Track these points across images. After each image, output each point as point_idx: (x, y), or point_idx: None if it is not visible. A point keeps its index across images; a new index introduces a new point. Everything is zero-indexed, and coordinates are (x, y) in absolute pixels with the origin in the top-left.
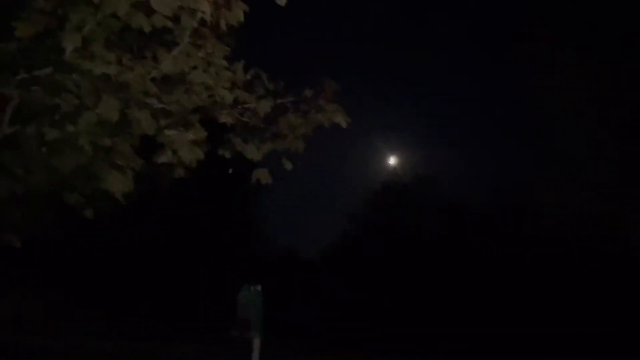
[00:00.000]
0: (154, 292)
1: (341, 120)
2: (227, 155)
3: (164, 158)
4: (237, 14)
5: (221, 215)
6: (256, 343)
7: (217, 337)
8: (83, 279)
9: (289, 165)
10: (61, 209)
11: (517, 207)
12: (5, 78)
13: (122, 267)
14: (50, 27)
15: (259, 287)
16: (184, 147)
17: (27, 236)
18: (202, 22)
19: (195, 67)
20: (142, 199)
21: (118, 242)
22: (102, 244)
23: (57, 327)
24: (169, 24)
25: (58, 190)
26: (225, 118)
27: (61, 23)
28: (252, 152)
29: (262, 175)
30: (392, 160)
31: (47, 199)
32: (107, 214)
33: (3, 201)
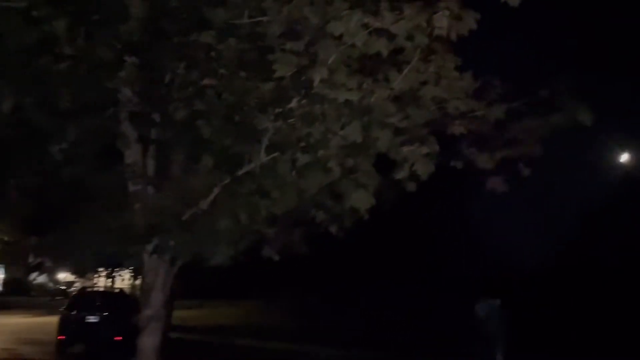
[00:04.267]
0: (401, 305)
1: (584, 118)
2: (459, 166)
3: (402, 173)
4: (469, 22)
5: (444, 225)
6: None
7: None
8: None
9: (526, 172)
10: (307, 227)
11: None
12: (264, 113)
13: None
14: (302, 65)
15: (497, 301)
16: (419, 161)
17: (280, 251)
18: (434, 37)
19: (425, 82)
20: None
21: (351, 255)
22: (339, 258)
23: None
24: (407, 44)
25: (306, 209)
26: (456, 129)
27: (311, 60)
28: (485, 160)
29: (497, 184)
30: (624, 158)
31: (295, 217)
32: (348, 229)
33: (263, 220)
